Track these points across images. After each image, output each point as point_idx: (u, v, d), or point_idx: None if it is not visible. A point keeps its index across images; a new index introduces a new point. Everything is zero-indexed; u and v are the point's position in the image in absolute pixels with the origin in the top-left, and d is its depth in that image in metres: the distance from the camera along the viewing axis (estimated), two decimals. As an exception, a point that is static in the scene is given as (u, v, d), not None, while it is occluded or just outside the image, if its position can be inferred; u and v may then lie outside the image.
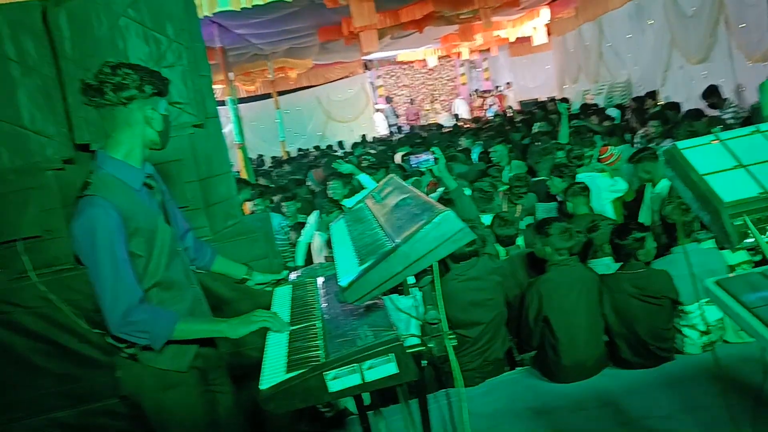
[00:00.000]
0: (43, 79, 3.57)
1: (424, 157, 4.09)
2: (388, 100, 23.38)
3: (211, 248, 2.91)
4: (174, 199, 2.72)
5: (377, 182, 4.06)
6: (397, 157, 10.31)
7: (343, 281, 1.96)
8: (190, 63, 3.76)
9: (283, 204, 7.65)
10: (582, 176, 5.98)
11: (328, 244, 5.32)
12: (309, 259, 6.35)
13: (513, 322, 4.28)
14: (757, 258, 3.98)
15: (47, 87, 3.58)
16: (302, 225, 6.76)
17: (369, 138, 18.80)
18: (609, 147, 6.63)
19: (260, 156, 19.01)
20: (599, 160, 6.50)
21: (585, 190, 5.28)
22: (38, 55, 3.55)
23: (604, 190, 5.86)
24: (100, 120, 2.33)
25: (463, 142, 11.23)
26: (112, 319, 2.22)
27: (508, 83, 22.64)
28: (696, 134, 4.84)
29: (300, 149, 19.57)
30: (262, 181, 10.79)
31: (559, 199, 5.93)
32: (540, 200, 6.40)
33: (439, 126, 18.48)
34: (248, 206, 6.96)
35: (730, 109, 8.29)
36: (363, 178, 6.41)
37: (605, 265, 4.38)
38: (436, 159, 4.08)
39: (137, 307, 2.23)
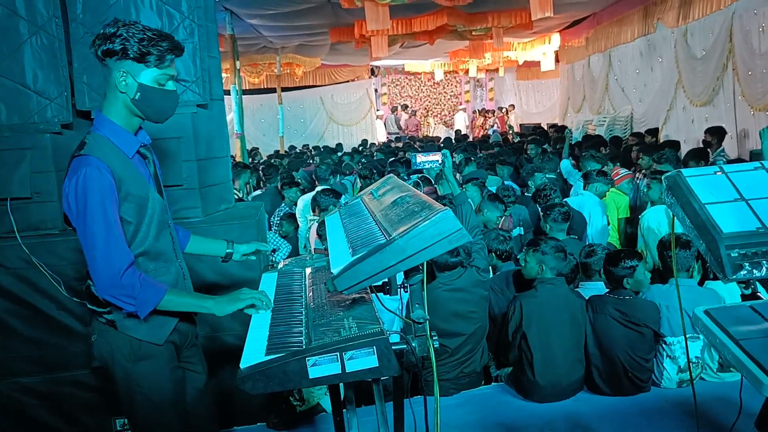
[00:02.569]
0: (50, 39, 3.54)
1: (431, 157, 3.84)
2: (394, 109, 23.44)
3: (184, 230, 2.81)
4: (171, 176, 2.68)
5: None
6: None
7: (335, 269, 1.94)
8: (201, 42, 3.74)
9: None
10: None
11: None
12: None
13: (495, 336, 4.27)
14: (747, 291, 4.01)
15: (54, 48, 3.55)
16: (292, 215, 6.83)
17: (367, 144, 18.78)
18: (621, 170, 7.02)
19: (254, 149, 18.68)
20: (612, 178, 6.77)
21: (566, 215, 5.18)
22: (48, 14, 3.52)
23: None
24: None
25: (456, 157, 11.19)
26: (101, 280, 2.18)
27: (511, 105, 22.71)
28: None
29: (305, 145, 19.41)
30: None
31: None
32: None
33: (437, 139, 18.51)
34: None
35: (719, 158, 8.23)
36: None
37: (597, 288, 4.36)
38: (443, 162, 3.92)
39: (128, 270, 2.19)
